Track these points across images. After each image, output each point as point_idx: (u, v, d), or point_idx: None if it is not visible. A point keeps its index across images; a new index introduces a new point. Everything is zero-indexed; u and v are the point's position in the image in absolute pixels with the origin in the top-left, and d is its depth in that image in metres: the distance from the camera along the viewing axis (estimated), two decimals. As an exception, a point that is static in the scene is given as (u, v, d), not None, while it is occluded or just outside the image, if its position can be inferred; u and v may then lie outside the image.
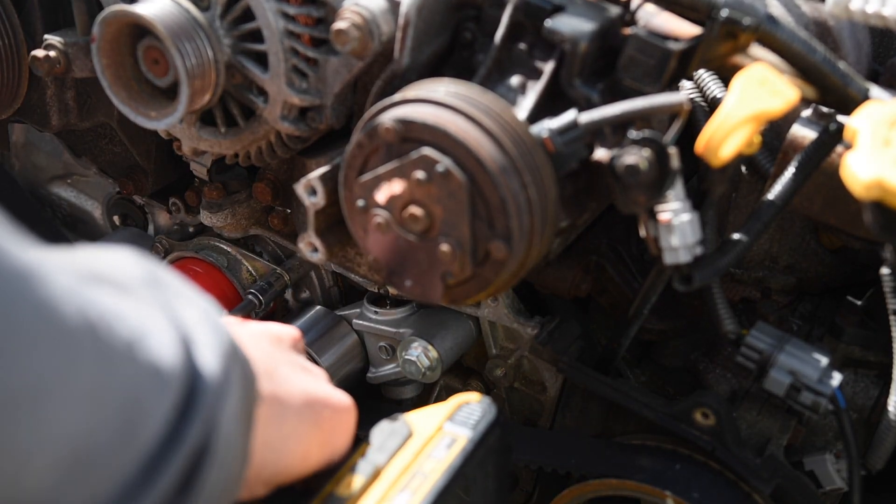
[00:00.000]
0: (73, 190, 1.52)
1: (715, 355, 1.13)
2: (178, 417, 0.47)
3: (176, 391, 0.47)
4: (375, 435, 0.71)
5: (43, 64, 1.06)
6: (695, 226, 0.80)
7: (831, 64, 0.82)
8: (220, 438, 0.49)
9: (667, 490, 0.98)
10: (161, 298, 0.51)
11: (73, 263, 0.48)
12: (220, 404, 0.49)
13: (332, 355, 1.21)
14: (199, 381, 0.48)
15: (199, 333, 0.50)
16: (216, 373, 0.49)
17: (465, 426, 0.71)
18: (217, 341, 0.51)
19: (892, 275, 0.85)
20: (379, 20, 0.84)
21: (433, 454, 0.68)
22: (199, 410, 0.47)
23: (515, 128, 0.76)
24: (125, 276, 0.50)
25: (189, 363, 0.48)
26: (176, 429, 0.46)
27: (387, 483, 0.65)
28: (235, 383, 0.51)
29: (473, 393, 0.77)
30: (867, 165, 0.69)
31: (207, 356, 0.49)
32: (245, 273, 1.28)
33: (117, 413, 0.44)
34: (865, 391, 1.06)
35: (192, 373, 0.48)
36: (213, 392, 0.48)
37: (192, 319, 0.51)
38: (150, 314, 0.48)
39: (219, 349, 0.50)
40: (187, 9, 0.87)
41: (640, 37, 0.80)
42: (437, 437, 0.70)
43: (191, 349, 0.49)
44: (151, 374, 0.46)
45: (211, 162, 1.16)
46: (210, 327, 0.51)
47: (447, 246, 0.78)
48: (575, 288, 1.09)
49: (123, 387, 0.44)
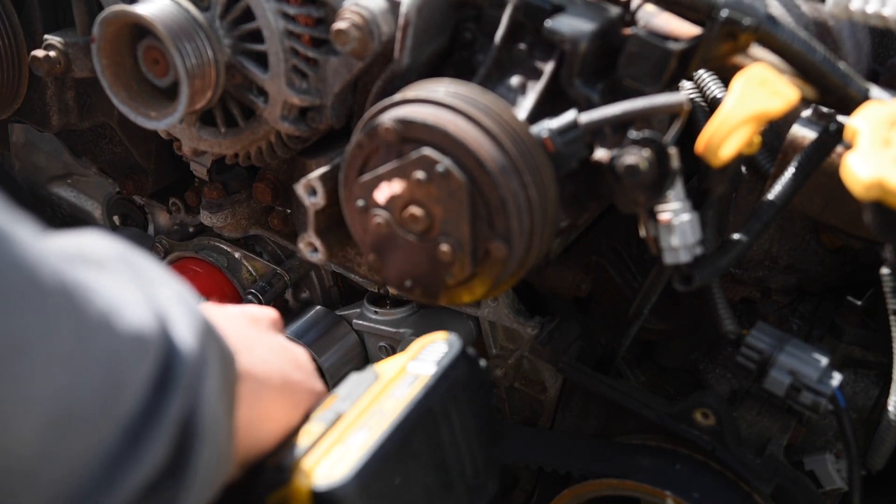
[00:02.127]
0: (73, 190, 1.52)
1: (715, 355, 1.13)
2: (157, 387, 0.47)
3: (154, 360, 0.47)
4: (342, 386, 0.70)
5: (43, 64, 1.06)
6: (695, 226, 0.80)
7: (831, 64, 0.82)
8: (206, 416, 0.49)
9: (667, 490, 0.98)
10: (136, 277, 0.51)
11: (52, 241, 0.49)
12: (200, 380, 0.49)
13: (333, 355, 1.21)
14: (176, 354, 0.48)
15: (173, 311, 0.50)
16: (193, 348, 0.49)
17: (428, 363, 0.70)
18: (191, 319, 0.51)
19: (892, 275, 0.85)
20: (379, 20, 0.84)
21: (394, 393, 0.67)
22: (177, 382, 0.47)
23: (515, 128, 0.76)
24: (101, 255, 0.51)
25: (165, 336, 0.48)
26: (156, 399, 0.46)
27: (345, 424, 0.64)
28: (213, 360, 0.51)
29: (440, 332, 0.76)
30: (867, 165, 0.69)
31: (183, 332, 0.49)
32: (245, 273, 1.28)
33: (97, 377, 0.44)
34: (865, 391, 1.06)
35: (169, 346, 0.48)
36: (190, 366, 0.48)
37: (166, 298, 0.51)
38: (127, 288, 0.48)
39: (194, 326, 0.50)
40: (187, 9, 0.87)
41: (640, 37, 0.80)
42: (399, 377, 0.69)
43: (166, 324, 0.49)
44: (129, 342, 0.46)
45: (211, 162, 1.16)
46: (184, 306, 0.51)
47: (447, 246, 0.78)
48: (575, 288, 1.09)
49: (102, 352, 0.45)
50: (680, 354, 1.15)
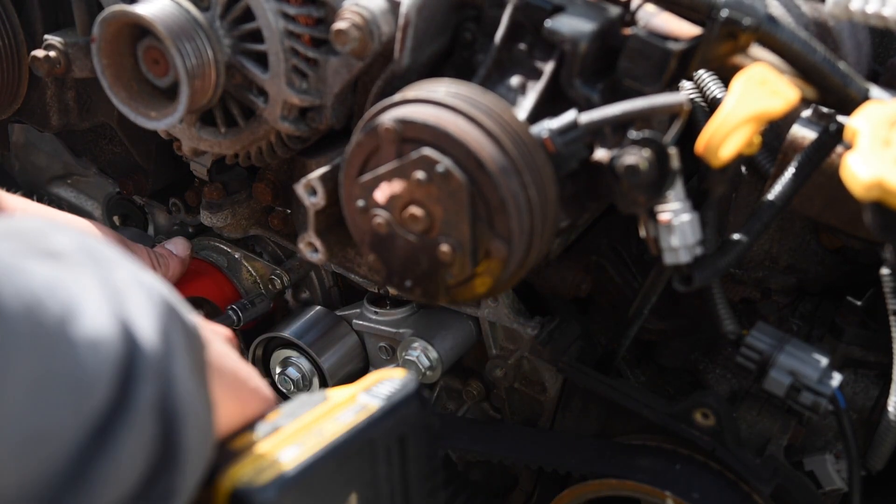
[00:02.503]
0: (73, 190, 1.52)
1: (715, 355, 1.13)
2: (121, 382, 0.47)
3: (115, 358, 0.47)
4: (287, 404, 0.68)
5: (43, 64, 1.06)
6: (695, 226, 0.80)
7: (831, 64, 0.82)
8: (182, 394, 0.49)
9: (667, 490, 0.98)
10: (94, 266, 0.51)
11: (12, 232, 0.49)
12: (169, 362, 0.49)
13: (333, 355, 1.21)
14: (137, 345, 0.48)
15: (133, 297, 0.50)
16: (154, 334, 0.49)
17: (378, 398, 0.67)
18: (152, 302, 0.51)
19: (891, 275, 0.85)
20: (379, 20, 0.84)
21: (338, 418, 0.65)
22: (142, 371, 0.48)
23: (515, 128, 0.76)
24: (58, 245, 0.51)
25: (125, 330, 0.48)
26: (122, 394, 0.47)
27: (280, 437, 0.63)
28: (178, 338, 0.51)
29: (397, 369, 0.74)
30: (867, 166, 0.69)
31: (144, 319, 0.50)
32: (245, 273, 1.28)
33: (61, 392, 0.44)
34: (865, 391, 1.06)
35: (129, 338, 0.48)
36: (154, 352, 0.49)
37: (125, 284, 0.51)
38: (84, 284, 0.49)
39: (154, 309, 0.51)
40: (187, 9, 0.87)
41: (640, 37, 0.80)
42: (346, 404, 0.67)
43: (126, 315, 0.49)
44: (88, 348, 0.46)
45: (211, 162, 1.16)
46: (143, 290, 0.52)
47: (447, 246, 0.78)
48: (575, 288, 1.09)
49: (62, 366, 0.45)
50: (680, 354, 1.15)
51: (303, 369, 1.22)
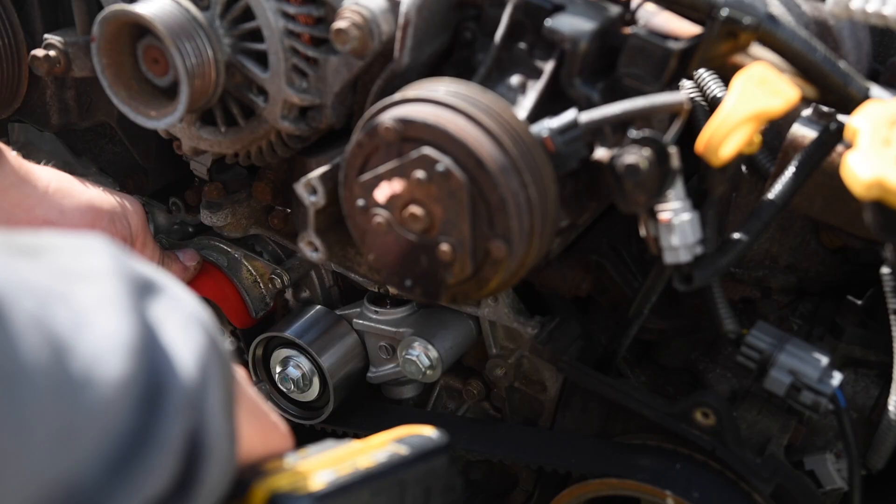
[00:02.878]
0: (73, 189, 1.52)
1: (715, 355, 1.13)
2: (145, 414, 0.46)
3: (138, 395, 0.46)
4: (315, 444, 0.69)
5: (43, 63, 1.06)
6: (695, 225, 0.80)
7: (831, 63, 0.82)
8: (212, 430, 0.49)
9: (667, 490, 0.98)
10: (130, 294, 0.49)
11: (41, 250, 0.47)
12: (204, 396, 0.49)
13: (333, 355, 1.21)
14: (172, 376, 0.47)
15: (172, 326, 0.49)
16: (193, 366, 0.49)
17: (411, 446, 0.69)
18: (192, 332, 0.50)
19: (892, 274, 0.85)
20: (379, 19, 0.84)
21: (372, 456, 0.66)
22: (174, 405, 0.47)
23: (515, 127, 0.76)
24: (92, 268, 0.49)
25: (156, 360, 0.47)
26: (146, 423, 0.46)
27: (315, 462, 0.64)
28: (215, 374, 0.50)
29: (427, 426, 0.75)
30: (867, 165, 0.69)
31: (182, 349, 0.49)
32: (245, 272, 1.28)
33: (84, 435, 0.44)
34: (866, 391, 1.06)
35: (161, 369, 0.47)
36: (190, 384, 0.48)
37: (165, 311, 0.50)
38: (118, 318, 0.47)
39: (194, 341, 0.50)
40: (187, 8, 0.87)
41: (640, 36, 0.80)
42: (379, 447, 0.68)
43: (163, 344, 0.48)
44: (115, 391, 0.45)
45: (211, 161, 1.16)
46: (185, 317, 0.50)
47: (447, 245, 0.78)
48: (575, 287, 1.09)
49: (88, 417, 0.44)
50: (680, 354, 1.15)
51: (303, 368, 1.22)
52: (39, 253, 0.48)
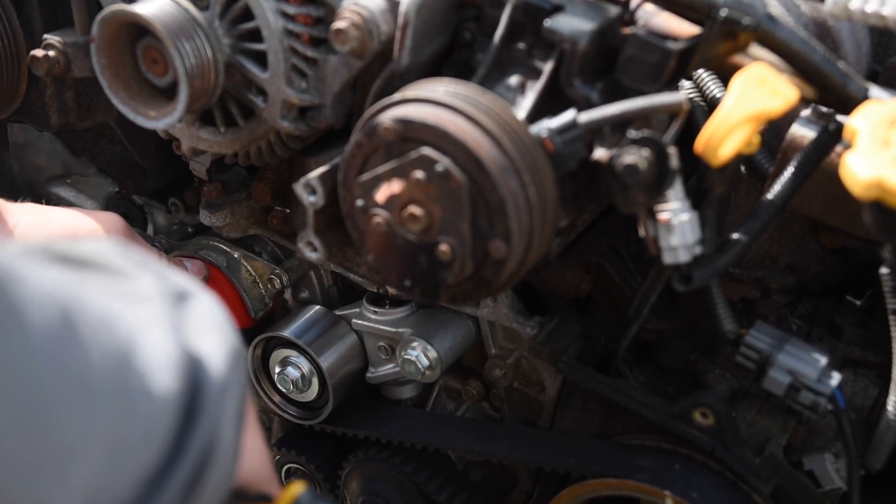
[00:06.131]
0: (72, 190, 1.52)
1: (714, 355, 1.13)
2: (180, 433, 0.48)
3: (179, 408, 0.48)
4: None
5: (42, 63, 1.06)
6: (694, 225, 0.80)
7: (830, 64, 0.82)
8: (222, 443, 0.50)
9: (666, 490, 0.98)
10: (171, 308, 0.52)
11: (108, 280, 0.50)
12: (223, 406, 0.50)
13: (332, 355, 1.21)
14: (205, 387, 0.49)
15: (208, 339, 0.52)
16: (220, 376, 0.51)
17: None
18: (224, 346, 0.52)
19: (891, 274, 0.85)
20: (378, 20, 0.84)
21: None
22: (203, 415, 0.49)
23: (515, 127, 0.76)
24: (141, 289, 0.52)
25: (193, 374, 0.50)
26: (181, 438, 0.48)
27: None
28: (235, 388, 0.52)
29: None
30: (866, 165, 0.69)
31: (215, 361, 0.51)
32: (244, 273, 1.28)
33: (127, 446, 0.46)
34: (865, 391, 1.06)
35: (196, 382, 0.49)
36: (215, 395, 0.50)
37: (202, 326, 0.52)
38: (163, 336, 0.49)
39: (225, 354, 0.52)
40: (186, 8, 0.87)
41: (639, 36, 0.80)
42: None
43: (199, 356, 0.50)
44: (162, 405, 0.47)
45: (210, 161, 1.16)
46: (218, 331, 0.53)
47: (446, 245, 0.78)
48: (574, 288, 1.09)
49: (136, 421, 0.46)
50: (679, 354, 1.15)
51: (302, 369, 1.22)
52: (86, 265, 0.51)
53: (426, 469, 1.25)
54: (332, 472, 1.34)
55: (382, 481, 1.28)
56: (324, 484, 1.34)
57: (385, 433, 1.24)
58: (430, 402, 1.31)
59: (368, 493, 1.29)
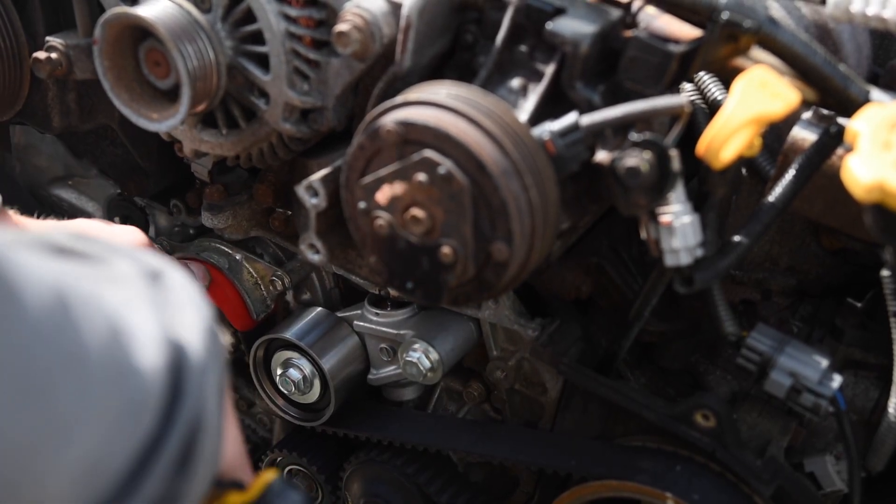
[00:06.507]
0: (73, 191, 1.52)
1: (715, 357, 1.13)
2: (169, 405, 0.49)
3: (163, 381, 0.49)
4: None
5: (44, 66, 1.06)
6: (696, 228, 0.80)
7: (832, 66, 0.82)
8: (209, 414, 0.51)
9: (667, 491, 0.98)
10: (155, 289, 0.54)
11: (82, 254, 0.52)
12: (206, 378, 0.52)
13: (333, 357, 1.21)
14: (187, 360, 0.51)
15: (186, 315, 0.53)
16: (202, 351, 0.52)
17: None
18: (201, 322, 0.54)
19: (892, 277, 0.85)
20: (380, 22, 0.84)
21: None
22: (189, 388, 0.50)
23: (517, 130, 0.76)
24: (122, 271, 0.53)
25: (175, 347, 0.51)
26: (168, 416, 0.49)
27: None
28: (215, 362, 0.54)
29: None
30: (868, 168, 0.69)
31: (193, 337, 0.52)
32: (246, 275, 1.28)
33: (121, 420, 0.47)
34: (866, 393, 1.06)
35: (180, 355, 0.51)
36: (198, 370, 0.51)
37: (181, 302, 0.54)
38: (146, 310, 0.51)
39: (202, 329, 0.53)
40: (189, 11, 0.87)
41: (641, 39, 0.80)
42: None
43: (178, 331, 0.52)
44: (150, 378, 0.48)
45: (212, 163, 1.16)
46: (195, 308, 0.54)
47: (449, 248, 0.78)
48: (575, 290, 1.09)
49: (129, 396, 0.47)
50: (680, 356, 1.15)
51: (304, 370, 1.22)
52: (78, 255, 0.53)
53: (428, 471, 1.25)
54: (334, 473, 1.34)
55: (384, 483, 1.28)
56: (325, 485, 1.35)
57: (387, 435, 1.24)
58: (432, 404, 1.31)
59: (370, 494, 1.29)
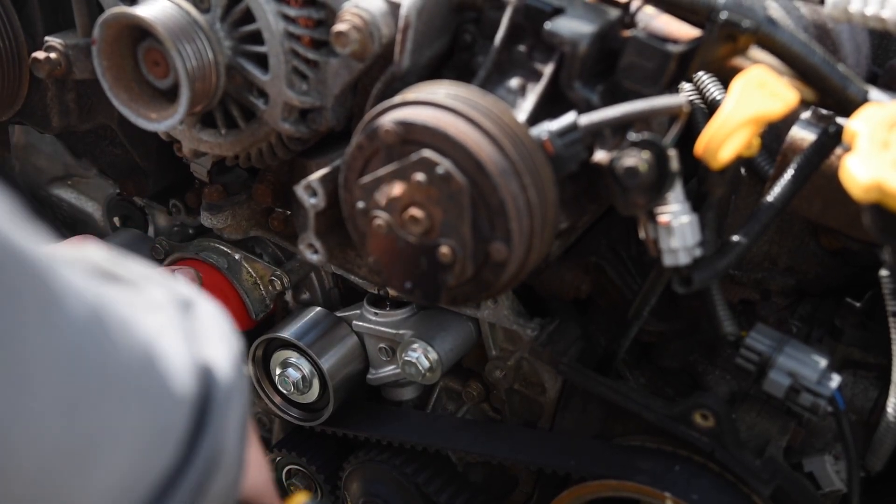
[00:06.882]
0: (73, 191, 1.52)
1: (714, 357, 1.13)
2: (194, 432, 0.49)
3: (192, 411, 0.49)
4: None
5: (44, 66, 1.06)
6: (694, 228, 0.80)
7: (830, 66, 0.82)
8: (226, 452, 0.51)
9: (666, 491, 0.98)
10: (185, 317, 0.54)
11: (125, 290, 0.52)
12: (228, 411, 0.51)
13: (332, 357, 1.21)
14: (213, 393, 0.51)
15: (215, 346, 0.53)
16: (227, 382, 0.52)
17: None
18: (230, 354, 0.53)
19: (890, 276, 0.85)
20: (379, 22, 0.84)
21: None
22: (212, 422, 0.50)
23: (515, 130, 0.76)
24: (156, 299, 0.54)
25: (203, 380, 0.51)
26: (193, 441, 0.49)
27: None
28: (238, 396, 0.53)
29: None
30: (866, 168, 0.69)
31: (221, 367, 0.52)
32: (245, 275, 1.28)
33: (150, 446, 0.47)
34: (864, 393, 1.06)
35: (206, 388, 0.51)
36: (222, 403, 0.51)
37: (210, 332, 0.54)
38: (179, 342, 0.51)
39: (230, 362, 0.53)
40: (188, 11, 0.87)
41: (639, 39, 0.80)
42: None
43: (206, 362, 0.52)
44: (179, 403, 0.48)
45: (211, 163, 1.16)
46: (224, 341, 0.54)
47: (447, 248, 0.78)
48: (574, 289, 1.09)
49: (159, 423, 0.47)
50: (679, 356, 1.15)
51: (303, 370, 1.23)
52: (115, 279, 0.53)
53: (427, 470, 1.25)
54: (333, 473, 1.34)
55: (383, 483, 1.28)
56: (325, 485, 1.35)
57: (386, 434, 1.24)
58: (431, 404, 1.31)
59: (369, 494, 1.29)
